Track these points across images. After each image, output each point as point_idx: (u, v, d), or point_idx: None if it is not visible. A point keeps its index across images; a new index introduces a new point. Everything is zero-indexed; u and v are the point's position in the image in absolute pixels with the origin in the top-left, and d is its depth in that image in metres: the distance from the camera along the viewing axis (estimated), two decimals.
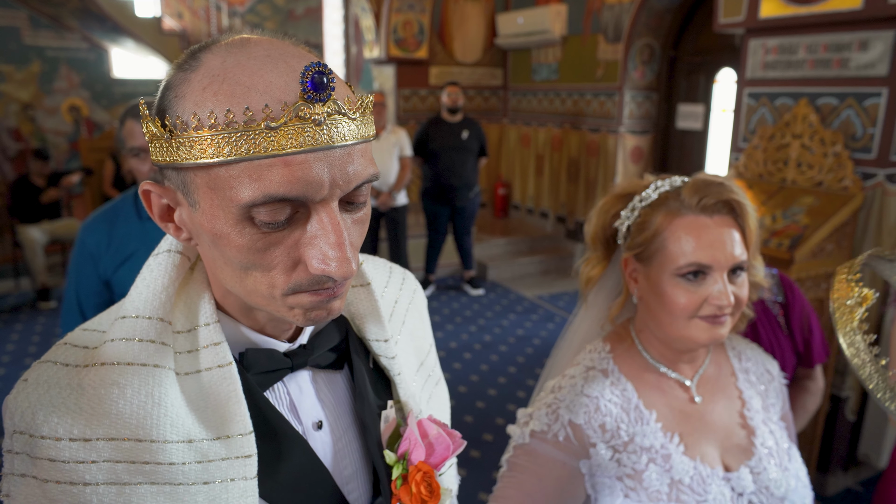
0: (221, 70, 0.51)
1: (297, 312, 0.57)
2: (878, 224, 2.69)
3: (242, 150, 0.49)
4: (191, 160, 0.51)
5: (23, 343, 4.54)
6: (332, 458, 0.67)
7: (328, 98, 0.51)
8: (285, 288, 0.55)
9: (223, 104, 0.50)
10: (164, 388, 0.57)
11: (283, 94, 0.50)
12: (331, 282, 0.55)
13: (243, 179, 0.50)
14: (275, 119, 0.49)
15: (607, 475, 1.01)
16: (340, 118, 0.52)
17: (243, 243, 0.53)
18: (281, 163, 0.50)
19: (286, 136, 0.50)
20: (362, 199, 0.57)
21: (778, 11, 2.92)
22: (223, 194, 0.51)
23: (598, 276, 1.18)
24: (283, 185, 0.50)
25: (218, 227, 0.53)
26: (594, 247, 1.17)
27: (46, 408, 0.55)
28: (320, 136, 0.51)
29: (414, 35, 6.40)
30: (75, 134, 6.79)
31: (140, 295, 0.60)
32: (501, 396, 3.75)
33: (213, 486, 0.57)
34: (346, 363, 0.71)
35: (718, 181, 1.01)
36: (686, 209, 1.00)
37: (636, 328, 1.12)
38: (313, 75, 0.50)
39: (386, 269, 0.84)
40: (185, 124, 0.51)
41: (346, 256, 0.53)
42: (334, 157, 0.52)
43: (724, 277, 0.98)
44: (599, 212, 1.14)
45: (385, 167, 4.92)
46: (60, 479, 0.53)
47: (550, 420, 1.03)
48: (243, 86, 0.50)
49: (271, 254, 0.54)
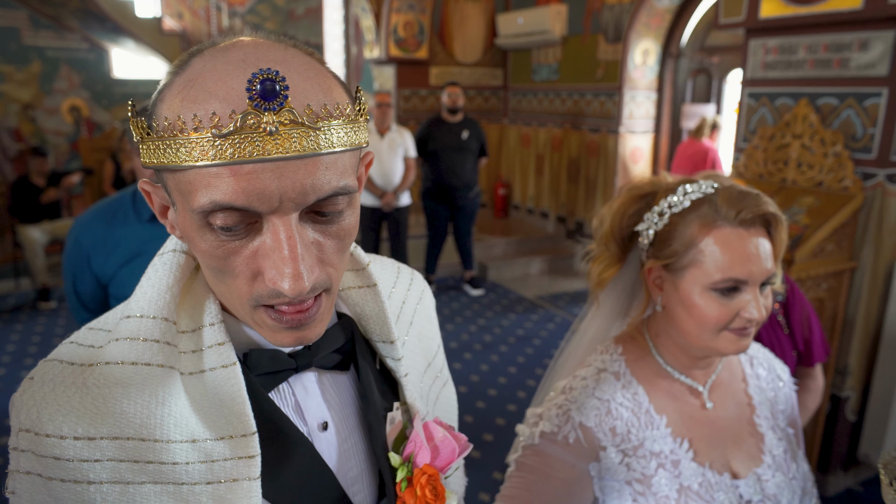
0: (197, 75, 0.51)
1: (266, 331, 0.57)
2: (879, 224, 2.69)
3: (193, 155, 0.49)
4: (165, 163, 0.52)
5: (23, 343, 4.54)
6: (338, 459, 0.67)
7: (280, 107, 0.49)
8: (249, 298, 0.55)
9: (187, 109, 0.50)
10: (168, 388, 0.57)
11: (238, 101, 0.49)
12: (288, 297, 0.53)
13: (197, 185, 0.50)
14: (222, 127, 0.48)
15: (616, 479, 1.00)
16: (297, 128, 0.50)
17: (206, 248, 0.53)
18: (228, 171, 0.49)
19: (234, 145, 0.48)
20: (336, 212, 0.55)
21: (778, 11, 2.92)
22: (185, 198, 0.52)
23: (611, 278, 1.13)
24: (229, 195, 0.49)
25: (187, 230, 0.55)
26: (607, 246, 1.11)
27: (52, 406, 0.55)
28: (272, 146, 0.49)
29: (414, 35, 6.40)
30: (75, 134, 6.79)
31: (145, 295, 0.61)
32: (501, 396, 3.75)
33: (216, 486, 0.57)
34: (352, 364, 0.71)
35: (755, 192, 0.98)
36: (722, 220, 0.95)
37: (651, 333, 1.09)
38: (262, 82, 0.48)
39: (394, 269, 0.84)
40: (159, 127, 0.51)
41: (297, 272, 0.51)
42: (287, 170, 0.50)
43: (756, 291, 0.95)
44: (616, 211, 1.09)
45: (390, 168, 4.92)
46: (65, 478, 0.54)
47: (561, 421, 1.02)
48: (206, 92, 0.50)
49: (232, 262, 0.54)
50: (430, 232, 5.47)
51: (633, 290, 1.15)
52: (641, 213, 1.06)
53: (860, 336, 2.78)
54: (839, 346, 2.82)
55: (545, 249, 6.52)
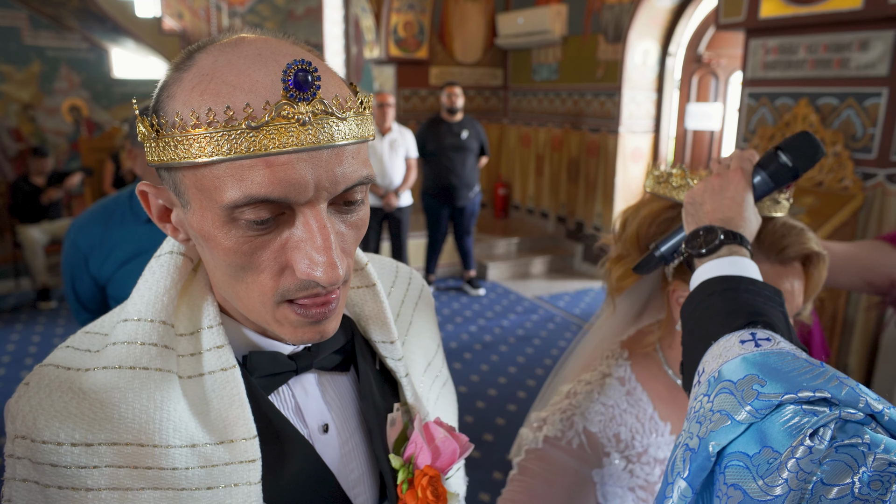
0: (211, 69, 0.51)
1: (287, 329, 0.56)
2: (879, 224, 2.69)
3: (224, 149, 0.48)
4: (177, 160, 0.51)
5: (23, 343, 4.53)
6: (339, 461, 0.67)
7: (313, 97, 0.50)
8: (274, 294, 0.54)
9: (207, 104, 0.49)
10: (166, 392, 0.57)
11: (268, 92, 0.49)
12: (319, 287, 0.54)
13: (226, 180, 0.49)
14: (256, 118, 0.48)
15: (619, 485, 0.99)
16: (328, 118, 0.50)
17: (230, 245, 0.52)
18: (263, 163, 0.49)
19: (268, 136, 0.48)
20: (357, 202, 0.55)
21: (778, 11, 2.92)
22: (209, 195, 0.51)
23: (630, 286, 1.08)
24: (264, 187, 0.49)
25: (206, 229, 0.53)
26: (628, 250, 1.05)
27: (48, 412, 0.54)
28: (305, 136, 0.49)
29: (414, 35, 6.40)
30: (75, 134, 6.79)
31: (142, 297, 0.60)
32: (501, 396, 3.75)
33: (216, 490, 0.56)
34: (352, 365, 0.71)
35: (798, 228, 0.92)
36: (760, 253, 0.89)
37: (663, 344, 1.05)
38: (296, 73, 0.49)
39: (392, 268, 0.83)
40: (172, 124, 0.50)
41: (332, 261, 0.51)
42: (320, 159, 0.50)
43: None
44: (645, 217, 1.02)
45: (391, 168, 4.92)
46: (62, 485, 0.53)
47: (565, 426, 1.01)
48: (229, 85, 0.50)
49: (258, 257, 0.53)
50: (430, 232, 5.47)
51: (650, 298, 1.12)
52: (671, 221, 1.00)
53: (860, 336, 2.78)
54: (839, 346, 2.82)
55: (545, 249, 6.52)
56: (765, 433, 0.49)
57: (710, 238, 0.76)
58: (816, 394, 0.49)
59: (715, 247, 0.74)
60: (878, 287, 1.40)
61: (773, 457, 0.48)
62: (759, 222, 0.83)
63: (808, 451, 0.46)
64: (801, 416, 0.48)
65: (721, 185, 0.82)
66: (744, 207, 0.79)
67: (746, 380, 0.53)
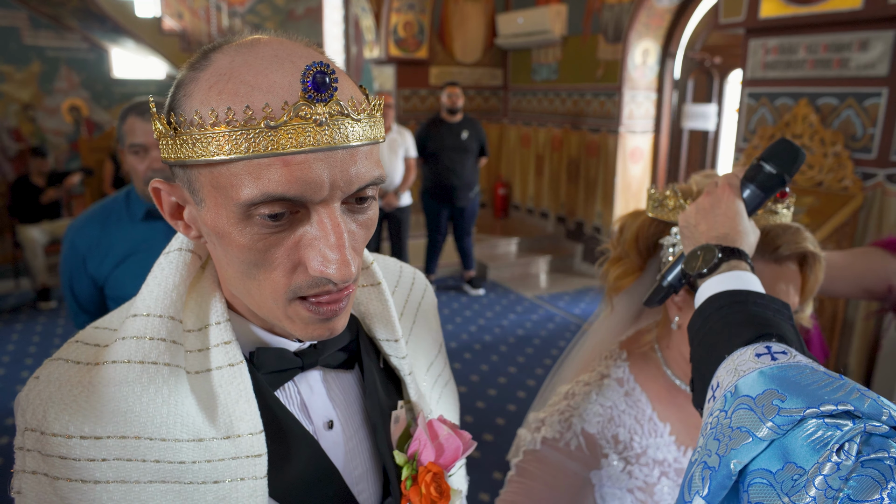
0: (229, 69, 0.52)
1: (298, 325, 0.57)
2: (879, 224, 2.70)
3: (242, 148, 0.49)
4: (194, 157, 0.51)
5: (23, 343, 4.53)
6: (343, 457, 0.67)
7: (330, 98, 0.51)
8: (286, 291, 0.55)
9: (226, 102, 0.50)
10: (174, 387, 0.57)
11: (286, 93, 0.50)
12: (331, 285, 0.55)
13: (243, 178, 0.50)
14: (274, 118, 0.49)
15: (618, 486, 0.99)
16: (344, 119, 0.52)
17: (244, 242, 0.53)
18: (280, 162, 0.50)
19: (286, 135, 0.49)
20: (368, 202, 0.57)
21: (778, 11, 2.92)
22: (225, 193, 0.52)
23: (628, 286, 1.09)
24: (281, 185, 0.50)
25: (221, 226, 0.54)
26: (627, 252, 1.06)
27: (57, 405, 0.55)
28: (321, 136, 0.50)
29: (414, 35, 6.41)
30: (75, 134, 6.79)
31: (151, 293, 0.61)
32: (501, 396, 3.75)
33: (222, 485, 0.57)
34: (356, 363, 0.72)
35: (794, 227, 0.93)
36: (755, 252, 0.89)
37: (662, 344, 1.06)
38: (315, 75, 0.50)
39: (396, 268, 0.84)
40: (190, 122, 0.51)
41: (345, 259, 0.52)
42: (335, 159, 0.51)
43: None
44: (646, 220, 1.02)
45: (391, 168, 4.93)
46: (71, 477, 0.54)
47: (563, 428, 1.01)
48: (248, 85, 0.51)
49: (272, 255, 0.54)
50: (430, 232, 5.48)
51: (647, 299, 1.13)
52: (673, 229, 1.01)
53: (860, 336, 2.79)
54: (839, 347, 2.83)
55: (545, 249, 6.52)
56: (788, 449, 0.48)
57: (709, 257, 0.75)
58: (839, 407, 0.48)
59: (714, 265, 0.74)
60: (875, 293, 1.40)
61: (798, 473, 0.46)
62: (758, 235, 0.82)
63: (835, 468, 0.45)
64: (824, 429, 0.47)
65: (712, 203, 0.82)
66: (738, 221, 0.79)
67: (766, 395, 0.52)
